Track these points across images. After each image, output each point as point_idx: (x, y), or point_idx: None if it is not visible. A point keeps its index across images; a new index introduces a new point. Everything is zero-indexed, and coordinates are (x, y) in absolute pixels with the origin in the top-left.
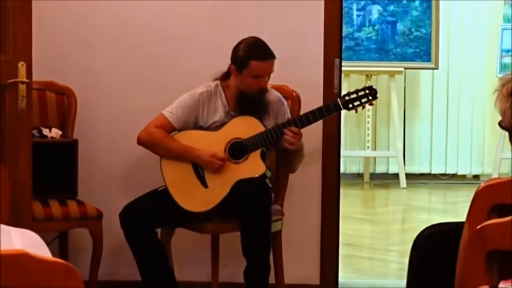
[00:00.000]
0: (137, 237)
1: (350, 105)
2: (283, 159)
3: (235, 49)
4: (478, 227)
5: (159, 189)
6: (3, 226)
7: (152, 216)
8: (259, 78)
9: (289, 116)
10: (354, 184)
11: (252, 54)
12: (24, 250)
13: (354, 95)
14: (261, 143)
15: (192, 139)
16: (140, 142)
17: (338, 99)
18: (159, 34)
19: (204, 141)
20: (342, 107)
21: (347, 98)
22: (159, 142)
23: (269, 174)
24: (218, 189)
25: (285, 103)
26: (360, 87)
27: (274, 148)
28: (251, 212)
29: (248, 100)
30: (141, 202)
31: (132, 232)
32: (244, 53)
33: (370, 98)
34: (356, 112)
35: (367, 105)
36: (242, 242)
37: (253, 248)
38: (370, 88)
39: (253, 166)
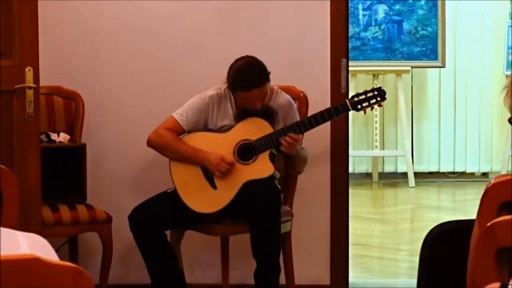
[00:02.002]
0: (146, 239)
1: (359, 106)
2: (288, 161)
3: (228, 70)
4: (488, 224)
5: (168, 191)
6: (10, 230)
7: (161, 217)
8: (250, 103)
9: (298, 118)
10: (363, 183)
11: (237, 84)
12: (34, 254)
13: (363, 96)
14: (269, 144)
15: (201, 141)
16: (150, 144)
17: (347, 100)
18: (165, 38)
19: (213, 143)
20: (351, 108)
21: (355, 99)
22: (169, 144)
23: (278, 175)
24: (227, 190)
25: (294, 105)
26: (368, 88)
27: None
28: (260, 213)
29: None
30: (150, 204)
31: (141, 234)
32: (231, 81)
33: (379, 99)
34: (365, 113)
35: (375, 106)
36: (251, 244)
37: (263, 250)
38: (379, 89)
39: (262, 167)
